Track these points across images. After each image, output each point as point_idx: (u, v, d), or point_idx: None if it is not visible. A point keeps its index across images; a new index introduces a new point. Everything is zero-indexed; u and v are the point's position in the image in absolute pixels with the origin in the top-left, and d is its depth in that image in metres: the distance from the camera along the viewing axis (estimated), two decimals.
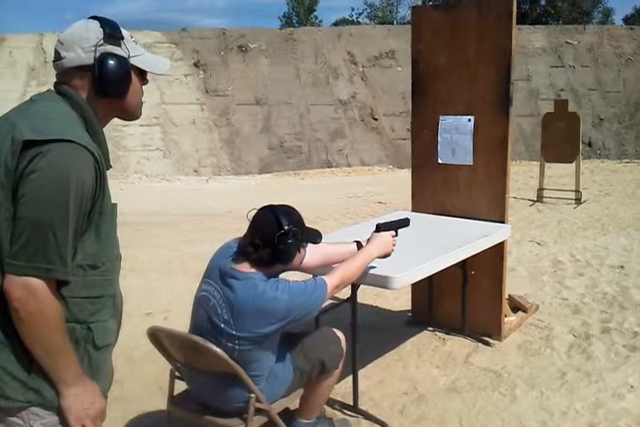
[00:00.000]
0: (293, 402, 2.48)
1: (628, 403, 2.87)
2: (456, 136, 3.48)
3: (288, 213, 2.17)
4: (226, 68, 13.78)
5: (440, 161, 3.60)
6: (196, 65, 13.67)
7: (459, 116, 3.47)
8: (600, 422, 2.71)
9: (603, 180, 10.02)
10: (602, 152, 13.49)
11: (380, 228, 2.50)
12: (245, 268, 2.13)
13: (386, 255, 2.48)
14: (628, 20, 31.99)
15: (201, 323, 2.18)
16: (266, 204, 2.23)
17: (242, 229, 2.21)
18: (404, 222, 2.60)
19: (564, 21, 24.71)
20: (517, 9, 3.33)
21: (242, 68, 13.89)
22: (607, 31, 15.76)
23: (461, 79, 3.43)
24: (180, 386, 2.36)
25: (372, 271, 2.51)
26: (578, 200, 7.91)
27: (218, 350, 2.07)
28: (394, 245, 2.50)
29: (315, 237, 2.27)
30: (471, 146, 3.45)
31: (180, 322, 2.55)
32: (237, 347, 2.11)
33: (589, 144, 13.32)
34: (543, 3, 26.98)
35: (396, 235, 2.53)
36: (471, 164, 3.48)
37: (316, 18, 34.18)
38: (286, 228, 2.10)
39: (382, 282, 2.51)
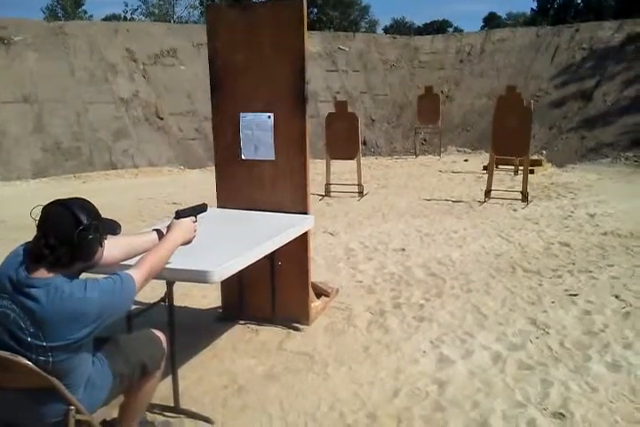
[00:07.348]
0: (114, 410, 2.37)
1: (422, 366, 3.26)
2: (257, 133, 3.59)
3: (83, 206, 2.04)
4: None
5: (243, 157, 3.68)
6: None
7: (258, 114, 3.58)
8: (403, 386, 3.04)
9: (379, 174, 11.02)
10: (375, 150, 14.80)
11: (180, 214, 2.52)
12: (43, 273, 1.96)
13: (188, 242, 2.50)
14: (387, 31, 35.56)
15: (0, 341, 1.98)
16: (53, 200, 2.04)
17: (19, 239, 2.02)
18: (202, 208, 2.66)
19: (336, 29, 26.60)
20: None
21: (5, 64, 12.48)
22: (374, 39, 17.31)
23: (259, 78, 3.54)
24: None
25: (188, 267, 2.50)
26: (360, 193, 8.62)
27: (29, 363, 1.91)
28: (195, 231, 2.53)
29: (114, 228, 2.17)
30: (272, 142, 3.58)
31: None
32: (51, 359, 1.96)
33: (364, 142, 14.48)
34: (316, 11, 28.72)
35: (196, 220, 2.57)
36: (274, 159, 3.62)
37: (85, 12, 32.20)
38: (86, 222, 1.97)
39: (201, 277, 2.51)
